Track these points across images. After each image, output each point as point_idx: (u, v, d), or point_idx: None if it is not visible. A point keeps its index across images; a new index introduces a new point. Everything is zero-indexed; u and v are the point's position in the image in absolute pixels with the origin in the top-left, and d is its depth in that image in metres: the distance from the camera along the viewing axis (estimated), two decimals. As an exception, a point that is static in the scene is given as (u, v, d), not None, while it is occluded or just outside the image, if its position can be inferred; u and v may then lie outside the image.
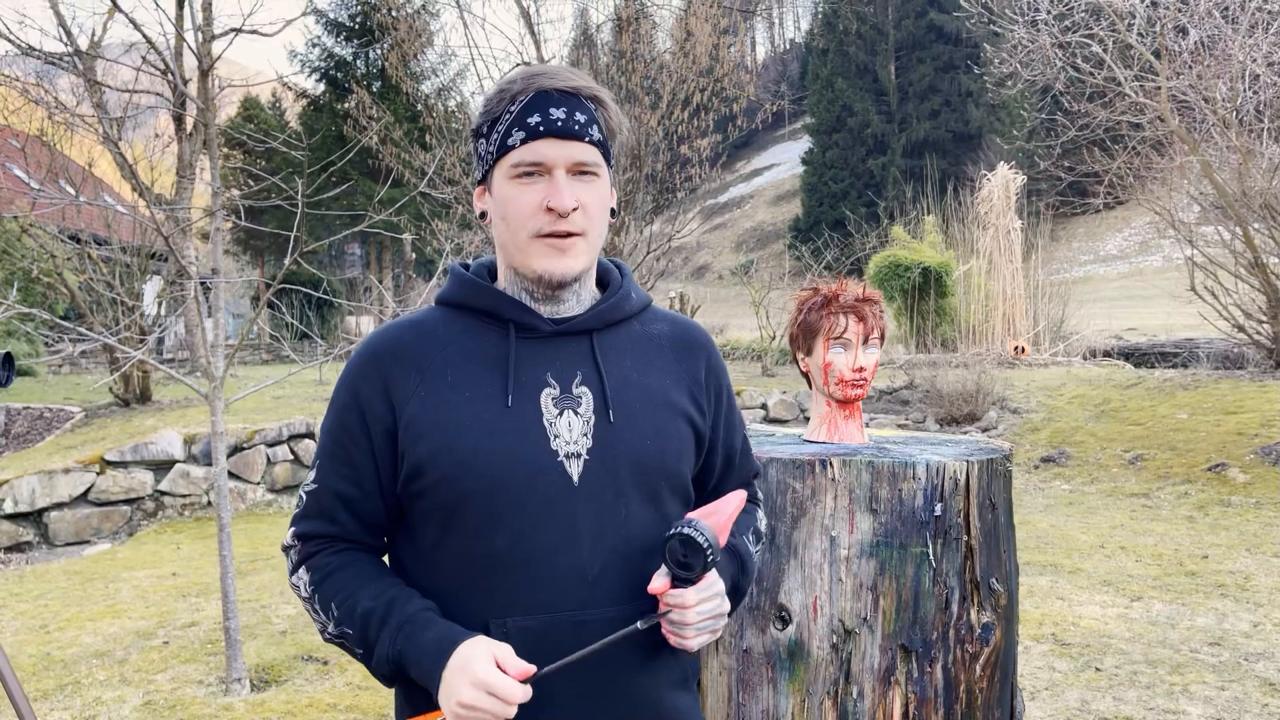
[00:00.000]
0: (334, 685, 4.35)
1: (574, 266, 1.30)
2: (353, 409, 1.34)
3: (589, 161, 1.29)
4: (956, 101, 50.61)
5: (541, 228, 1.28)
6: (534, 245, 1.29)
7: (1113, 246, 46.14)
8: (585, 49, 11.19)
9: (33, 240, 11.31)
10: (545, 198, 1.27)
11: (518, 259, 1.32)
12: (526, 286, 1.35)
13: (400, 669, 1.27)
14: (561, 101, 1.29)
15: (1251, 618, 5.00)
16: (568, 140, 1.28)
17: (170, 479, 8.39)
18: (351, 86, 14.16)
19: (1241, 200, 10.56)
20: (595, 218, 1.31)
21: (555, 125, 1.27)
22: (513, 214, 1.30)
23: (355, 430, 1.33)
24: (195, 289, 4.83)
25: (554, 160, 1.27)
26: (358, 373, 1.35)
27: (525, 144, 1.28)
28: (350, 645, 1.31)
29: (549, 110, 1.28)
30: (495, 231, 1.34)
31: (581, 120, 1.29)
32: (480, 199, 1.38)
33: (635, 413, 1.34)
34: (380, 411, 1.31)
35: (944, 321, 16.34)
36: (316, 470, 1.37)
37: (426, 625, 1.26)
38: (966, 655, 2.02)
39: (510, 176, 1.30)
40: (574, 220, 1.28)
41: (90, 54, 8.11)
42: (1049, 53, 12.08)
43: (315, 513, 1.36)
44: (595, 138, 1.30)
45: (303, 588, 1.36)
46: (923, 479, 2.01)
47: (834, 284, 2.26)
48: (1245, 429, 8.88)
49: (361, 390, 1.33)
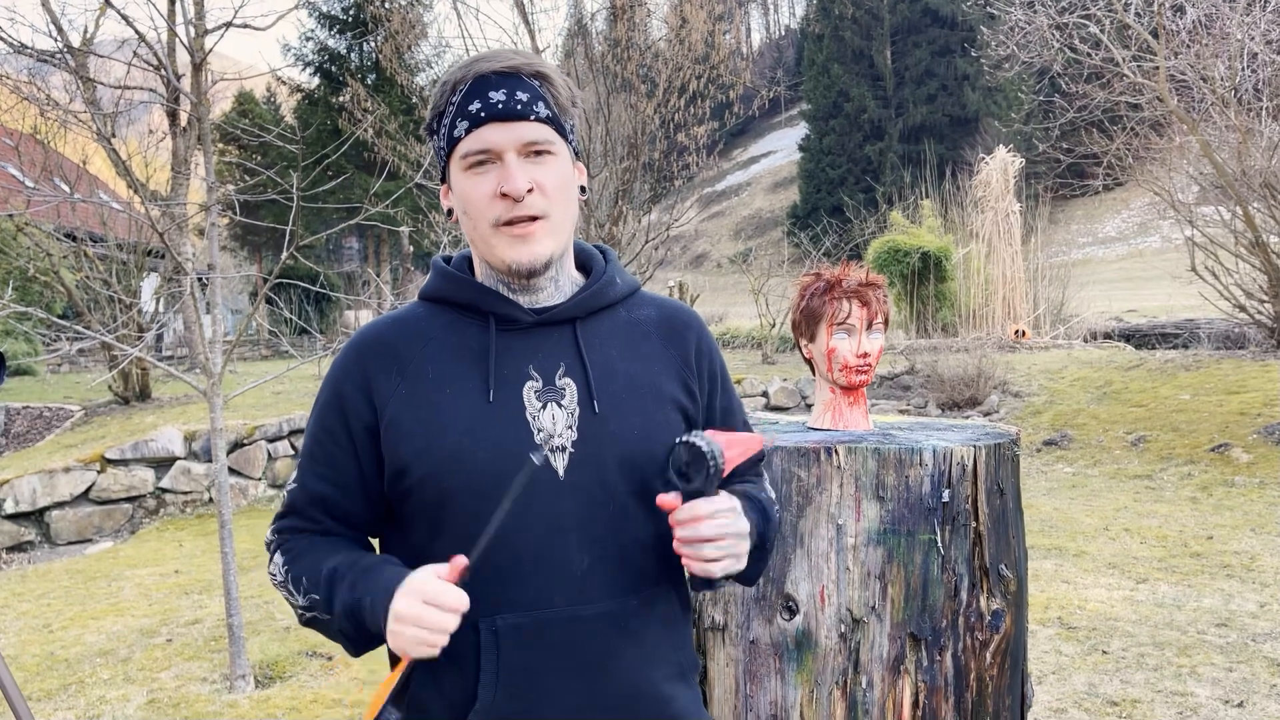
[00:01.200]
0: (338, 681, 4.34)
1: (540, 252, 1.27)
2: (334, 408, 1.32)
3: (539, 140, 1.26)
4: (953, 85, 50.48)
5: (500, 215, 1.25)
6: (497, 235, 1.26)
7: (1112, 228, 46.08)
8: (580, 38, 11.12)
9: (28, 239, 11.26)
10: (499, 184, 1.24)
11: (485, 251, 1.29)
12: (501, 278, 1.32)
13: (359, 621, 1.23)
14: (500, 84, 1.25)
15: (1258, 598, 4.98)
16: (512, 121, 1.24)
17: (171, 476, 8.37)
18: (346, 80, 14.12)
19: (1241, 179, 10.51)
20: (556, 198, 1.27)
21: (496, 109, 1.24)
22: (471, 206, 1.27)
23: (336, 430, 1.31)
24: (192, 285, 4.81)
25: (501, 144, 1.24)
26: (340, 371, 1.33)
27: (470, 133, 1.25)
28: (319, 613, 1.27)
29: (488, 94, 1.24)
30: (463, 226, 1.32)
31: (524, 99, 1.25)
32: (446, 197, 1.35)
33: (621, 403, 1.31)
34: (362, 410, 1.30)
35: (944, 306, 16.30)
36: (298, 470, 1.36)
37: (382, 568, 1.23)
38: (976, 643, 2.00)
39: (463, 169, 1.27)
40: (532, 203, 1.24)
41: (83, 50, 8.06)
42: (1046, 34, 12.01)
43: (295, 512, 1.36)
44: (543, 114, 1.26)
45: (279, 573, 1.33)
46: (930, 465, 1.98)
47: (836, 269, 2.24)
48: (1248, 409, 8.86)
49: (343, 389, 1.31)
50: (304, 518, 1.35)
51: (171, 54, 5.45)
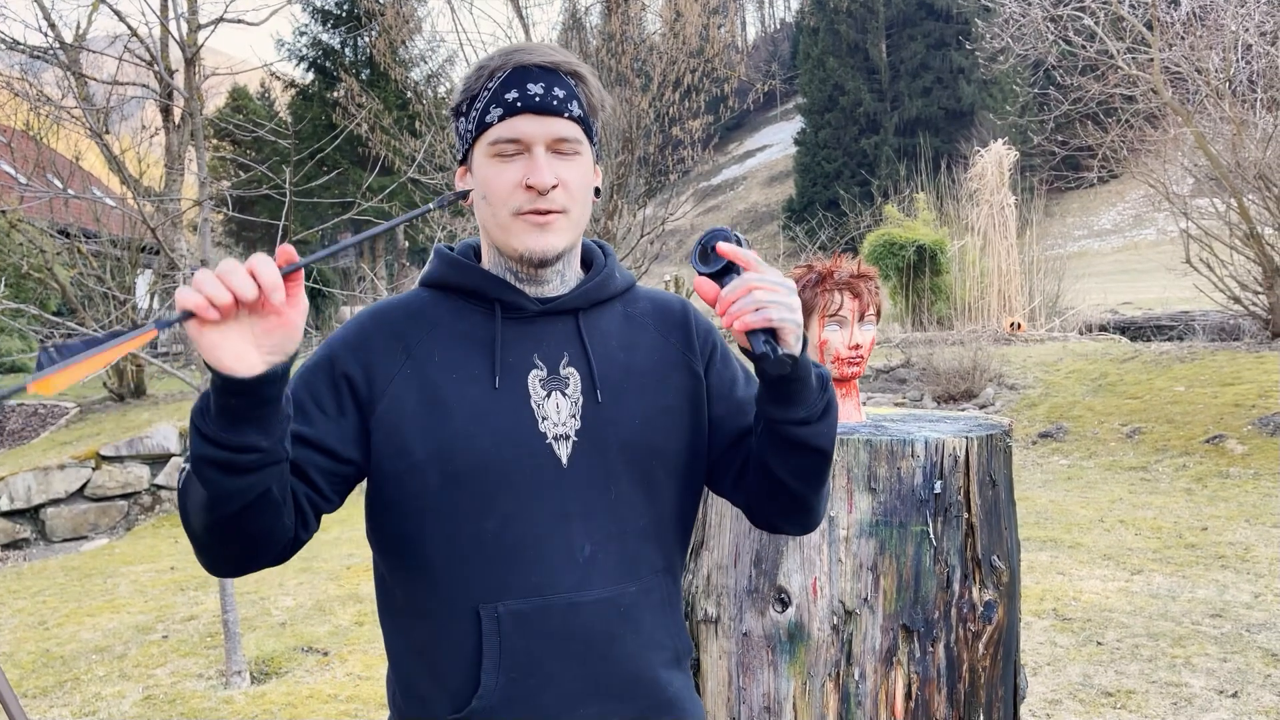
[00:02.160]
0: (334, 676, 4.34)
1: (556, 244, 1.27)
2: (325, 370, 1.28)
3: (569, 137, 1.26)
4: (948, 78, 50.41)
5: (521, 205, 1.25)
6: (515, 223, 1.26)
7: (1107, 221, 46.10)
8: (574, 31, 11.10)
9: (22, 235, 11.23)
10: (525, 175, 1.24)
11: (499, 237, 1.29)
12: (510, 266, 1.32)
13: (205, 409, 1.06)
14: (540, 77, 1.26)
15: (1252, 589, 5.00)
16: (546, 116, 1.25)
17: (166, 473, 8.36)
18: (340, 75, 14.07)
19: (1236, 171, 10.52)
20: (577, 196, 1.28)
21: (533, 101, 1.24)
22: (492, 192, 1.27)
23: (320, 388, 1.26)
24: (186, 281, 4.79)
25: (533, 136, 1.24)
26: (341, 342, 1.31)
27: (503, 120, 1.25)
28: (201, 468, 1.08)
29: (527, 86, 1.25)
30: (477, 211, 1.32)
31: (560, 96, 1.26)
32: (462, 179, 1.35)
33: (624, 393, 1.32)
34: (357, 381, 1.27)
35: (939, 299, 16.30)
36: None
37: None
38: (969, 634, 2.00)
39: (489, 154, 1.27)
40: (554, 198, 1.25)
41: (75, 46, 8.03)
42: (1040, 27, 12.01)
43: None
44: (575, 114, 1.27)
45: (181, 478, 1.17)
46: (921, 456, 1.99)
47: (828, 261, 2.24)
48: (1243, 400, 8.88)
49: (341, 356, 1.29)
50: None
51: (164, 49, 5.42)
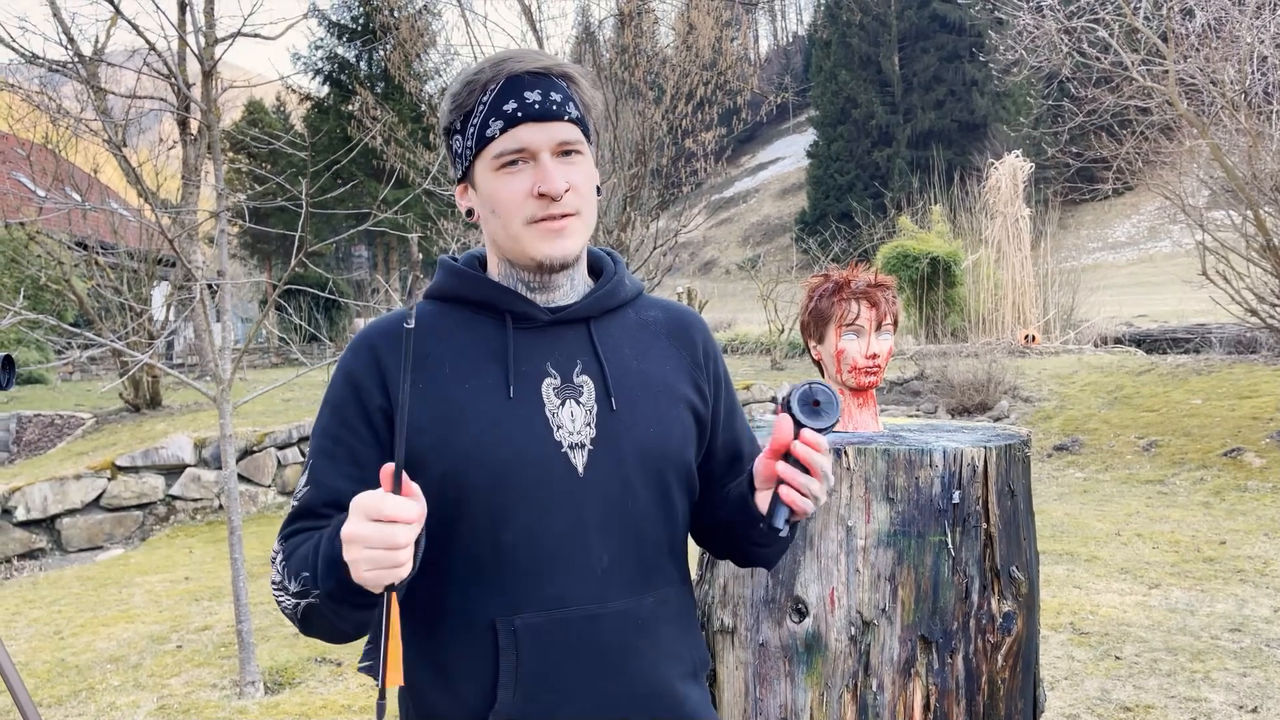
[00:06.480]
0: (348, 687, 4.33)
1: (572, 247, 1.27)
2: (352, 401, 1.28)
3: (572, 140, 1.26)
4: (961, 91, 50.43)
5: (535, 213, 1.24)
6: (528, 232, 1.25)
7: (1122, 233, 45.93)
8: (587, 45, 11.16)
9: (40, 247, 11.33)
10: (535, 184, 1.24)
11: (512, 249, 1.28)
12: (522, 276, 1.31)
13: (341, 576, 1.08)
14: (534, 84, 1.25)
15: (1272, 603, 4.94)
16: (548, 122, 1.24)
17: (181, 483, 8.39)
18: (355, 88, 14.17)
19: (1252, 183, 10.46)
20: (586, 197, 1.28)
21: (533, 109, 1.24)
22: (502, 204, 1.26)
23: (354, 422, 1.27)
24: (201, 292, 4.82)
25: (537, 144, 1.24)
26: (352, 363, 1.30)
27: (505, 132, 1.24)
28: (310, 593, 1.15)
29: (524, 94, 1.24)
30: (485, 226, 1.31)
31: (558, 100, 1.26)
32: (463, 196, 1.34)
33: (637, 400, 1.31)
34: (378, 398, 1.27)
35: (953, 311, 16.26)
36: (308, 473, 1.27)
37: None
38: (988, 645, 1.99)
39: (494, 168, 1.26)
40: (568, 202, 1.25)
41: (94, 60, 8.11)
42: (1054, 38, 11.98)
43: (306, 514, 1.25)
44: (573, 115, 1.27)
45: (278, 572, 1.22)
46: (940, 466, 1.97)
47: (845, 270, 2.23)
48: (1260, 413, 8.81)
49: (358, 380, 1.28)
50: (317, 518, 1.25)
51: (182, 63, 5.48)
